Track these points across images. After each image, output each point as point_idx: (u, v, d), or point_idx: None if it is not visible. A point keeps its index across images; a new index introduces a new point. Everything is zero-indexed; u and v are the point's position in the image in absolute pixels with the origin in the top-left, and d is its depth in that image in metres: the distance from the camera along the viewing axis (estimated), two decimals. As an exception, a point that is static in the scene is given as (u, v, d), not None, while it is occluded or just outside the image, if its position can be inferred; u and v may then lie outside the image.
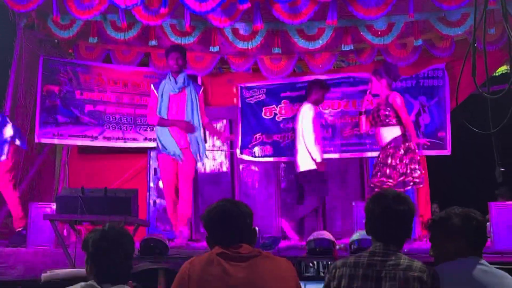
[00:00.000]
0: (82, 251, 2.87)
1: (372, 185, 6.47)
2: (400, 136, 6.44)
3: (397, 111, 6.43)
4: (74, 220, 5.35)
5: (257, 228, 3.09)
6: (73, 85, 7.91)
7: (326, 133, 7.88)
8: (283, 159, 7.94)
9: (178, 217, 6.56)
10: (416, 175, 6.36)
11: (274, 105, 8.11)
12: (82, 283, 2.69)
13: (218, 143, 8.15)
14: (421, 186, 6.60)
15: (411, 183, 6.35)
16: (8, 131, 6.46)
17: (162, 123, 6.63)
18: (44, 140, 7.82)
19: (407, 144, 6.42)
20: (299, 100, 7.94)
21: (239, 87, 8.28)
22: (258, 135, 8.07)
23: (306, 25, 7.15)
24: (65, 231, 5.93)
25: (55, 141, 7.93)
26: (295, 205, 7.33)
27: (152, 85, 6.79)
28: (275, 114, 8.09)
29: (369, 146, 7.74)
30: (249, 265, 2.78)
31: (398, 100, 6.47)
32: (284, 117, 8.04)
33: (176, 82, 6.62)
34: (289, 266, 2.90)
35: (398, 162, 6.34)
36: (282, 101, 8.08)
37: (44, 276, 4.58)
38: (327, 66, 7.87)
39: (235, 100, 8.29)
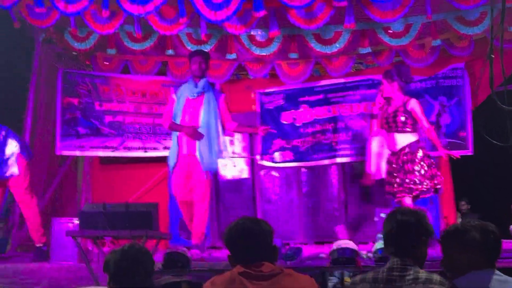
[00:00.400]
0: (104, 273, 2.90)
1: (392, 193, 6.34)
2: (415, 142, 6.33)
3: (415, 119, 6.31)
4: (97, 236, 5.37)
5: (278, 246, 3.07)
6: (92, 97, 7.95)
7: (346, 136, 7.84)
8: (303, 164, 7.91)
9: (193, 233, 6.47)
10: (437, 181, 6.28)
11: (292, 110, 8.07)
12: None
13: (238, 149, 8.15)
14: (441, 192, 6.49)
15: (433, 190, 6.27)
16: (11, 148, 6.43)
17: (173, 127, 6.55)
18: (65, 153, 7.88)
19: (422, 150, 6.33)
20: (317, 104, 7.93)
21: (257, 93, 8.25)
22: (277, 141, 8.04)
23: (322, 30, 7.12)
24: (89, 245, 5.95)
25: (77, 153, 7.98)
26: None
27: (173, 88, 6.75)
28: (294, 119, 8.05)
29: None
30: (272, 283, 2.75)
31: (417, 108, 6.30)
32: (303, 122, 8.00)
33: (196, 86, 6.51)
34: (312, 283, 2.88)
35: (416, 168, 6.24)
36: (301, 106, 8.03)
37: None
38: (345, 69, 7.84)
39: (253, 106, 8.26)
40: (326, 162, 7.87)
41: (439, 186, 6.30)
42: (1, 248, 7.37)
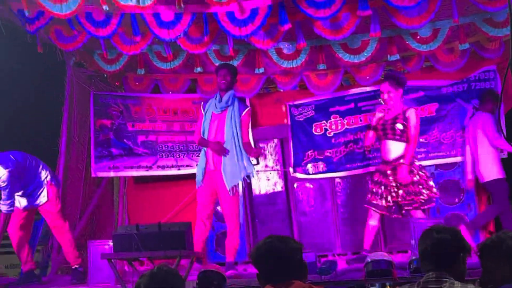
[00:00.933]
0: None
1: (389, 204, 6.31)
2: None
3: (409, 127, 6.27)
4: (131, 257, 5.41)
5: (307, 262, 3.05)
6: (125, 118, 8.05)
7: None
8: (336, 174, 7.86)
9: (226, 250, 6.45)
10: (434, 191, 6.27)
11: (324, 121, 8.02)
12: None
13: (270, 163, 8.14)
14: (430, 205, 6.38)
15: (433, 199, 6.27)
16: (42, 176, 6.55)
17: (202, 143, 6.55)
18: (100, 174, 7.98)
19: (418, 160, 6.37)
20: (348, 113, 7.88)
21: (287, 105, 8.24)
22: (310, 152, 8.01)
23: (349, 39, 7.08)
24: (126, 266, 6.01)
25: (111, 174, 8.08)
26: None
27: (202, 103, 6.77)
28: (326, 129, 8.01)
29: (424, 154, 7.56)
30: None
31: (413, 117, 6.30)
32: (334, 132, 7.95)
33: (220, 101, 6.47)
34: None
35: (419, 178, 6.21)
36: (332, 116, 7.98)
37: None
38: (375, 77, 7.76)
39: (284, 119, 8.24)
40: (360, 171, 7.80)
41: (436, 197, 6.34)
42: (42, 271, 7.49)
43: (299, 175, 8.00)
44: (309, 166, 7.97)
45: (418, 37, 7.02)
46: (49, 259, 7.48)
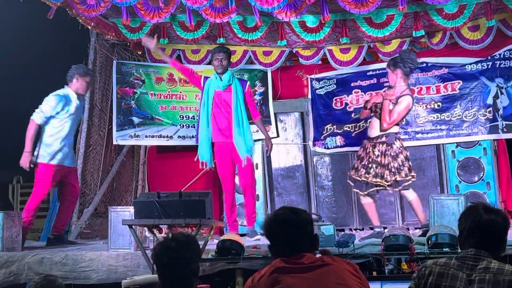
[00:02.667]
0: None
1: (358, 178, 6.39)
2: (393, 133, 6.34)
3: (394, 109, 6.28)
4: (151, 224, 5.48)
5: (318, 234, 3.03)
6: (146, 87, 8.08)
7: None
8: (355, 149, 7.84)
9: (246, 218, 6.83)
10: (413, 173, 6.27)
11: (345, 95, 8.00)
12: None
13: (290, 136, 8.14)
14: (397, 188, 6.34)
15: (410, 181, 6.24)
16: None
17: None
18: (121, 142, 8.04)
19: (399, 142, 6.34)
20: (370, 89, 7.84)
21: (309, 79, 8.21)
22: (329, 126, 7.99)
23: (374, 13, 7.02)
24: (145, 233, 6.08)
25: (132, 142, 8.14)
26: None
27: (202, 78, 6.93)
28: (346, 104, 7.99)
29: (446, 132, 7.53)
30: (313, 275, 2.74)
31: (403, 104, 6.30)
32: (355, 107, 7.92)
33: (221, 80, 6.77)
34: (354, 268, 2.84)
35: (391, 160, 6.20)
36: (353, 91, 7.95)
37: (124, 282, 4.73)
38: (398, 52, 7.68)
39: (306, 92, 8.23)
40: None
41: (414, 179, 6.28)
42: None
43: (318, 149, 8.00)
44: (328, 140, 7.97)
45: (444, 13, 6.94)
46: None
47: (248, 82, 7.08)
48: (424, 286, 2.85)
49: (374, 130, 6.42)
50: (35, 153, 6.59)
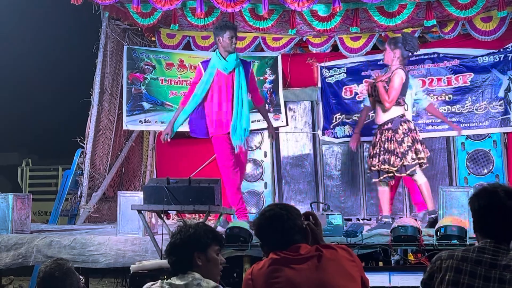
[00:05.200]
0: None
1: (372, 168, 6.27)
2: (398, 117, 6.19)
3: (389, 87, 6.14)
4: (160, 210, 5.50)
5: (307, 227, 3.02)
6: (157, 72, 8.08)
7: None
8: (364, 138, 7.81)
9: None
10: (422, 155, 6.12)
11: (355, 84, 7.98)
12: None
13: (300, 125, 8.13)
14: (426, 165, 6.26)
15: (418, 165, 6.12)
16: None
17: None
18: (131, 127, 8.07)
19: (406, 125, 6.18)
20: (381, 79, 7.79)
21: (319, 67, 8.19)
22: (338, 115, 7.98)
23: (386, 3, 7.00)
24: (153, 219, 6.10)
25: (142, 127, 8.16)
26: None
27: (200, 63, 6.65)
28: (356, 93, 7.97)
29: (456, 124, 7.50)
30: (312, 266, 2.77)
31: (397, 79, 6.15)
32: (365, 96, 7.87)
33: (227, 61, 6.43)
34: (348, 252, 2.87)
35: (397, 145, 6.10)
36: (364, 80, 7.92)
37: (133, 267, 4.77)
38: (410, 42, 7.65)
39: (316, 81, 8.21)
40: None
41: (423, 161, 6.14)
42: (70, 220, 7.66)
43: (327, 138, 7.99)
44: (337, 129, 7.95)
45: (457, 2, 6.89)
46: (77, 207, 7.62)
47: (252, 65, 6.85)
48: (441, 281, 2.73)
49: (379, 116, 6.33)
50: None
